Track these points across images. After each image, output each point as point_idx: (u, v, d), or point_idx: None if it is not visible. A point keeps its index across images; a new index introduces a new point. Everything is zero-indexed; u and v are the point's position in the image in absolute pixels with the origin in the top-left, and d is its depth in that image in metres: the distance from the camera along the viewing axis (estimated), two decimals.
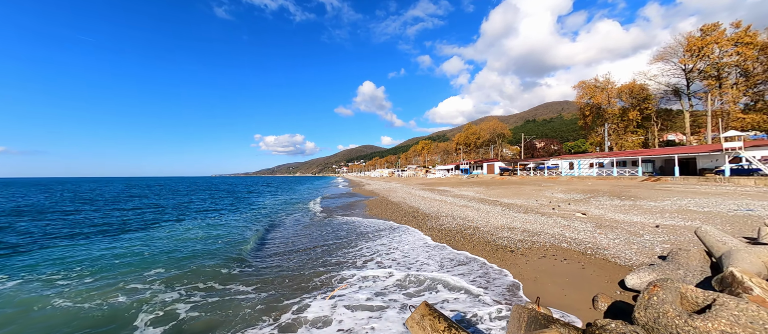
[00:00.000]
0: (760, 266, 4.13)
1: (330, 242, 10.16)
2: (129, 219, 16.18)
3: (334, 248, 9.23)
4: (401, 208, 17.45)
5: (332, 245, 9.62)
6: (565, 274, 5.97)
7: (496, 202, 17.29)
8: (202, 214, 18.47)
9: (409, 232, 10.86)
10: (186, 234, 12.01)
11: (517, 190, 24.24)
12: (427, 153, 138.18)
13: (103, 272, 7.41)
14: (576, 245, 7.69)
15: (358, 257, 8.13)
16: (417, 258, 7.69)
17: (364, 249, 8.87)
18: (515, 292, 5.41)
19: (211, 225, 14.20)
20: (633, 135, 54.16)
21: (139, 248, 9.68)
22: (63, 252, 9.30)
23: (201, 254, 9.02)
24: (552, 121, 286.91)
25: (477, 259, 7.29)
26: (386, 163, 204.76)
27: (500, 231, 9.80)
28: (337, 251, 8.92)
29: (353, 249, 8.95)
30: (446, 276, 6.27)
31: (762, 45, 38.80)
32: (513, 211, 13.71)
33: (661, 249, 6.99)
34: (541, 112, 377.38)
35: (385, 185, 45.35)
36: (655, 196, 16.49)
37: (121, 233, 12.21)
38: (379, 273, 6.68)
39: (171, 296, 5.87)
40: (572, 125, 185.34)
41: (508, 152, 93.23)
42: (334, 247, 9.41)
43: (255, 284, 6.47)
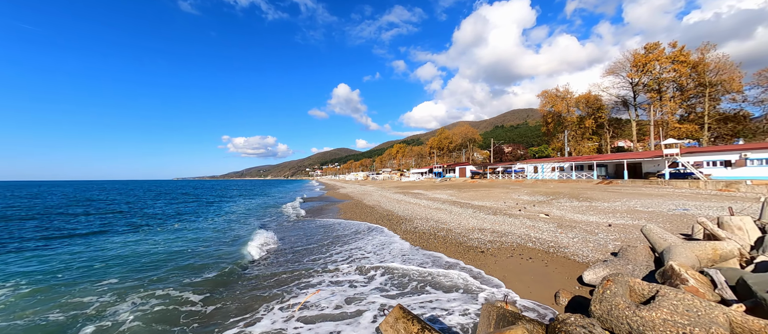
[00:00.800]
0: (694, 260, 4.66)
1: (298, 248, 9.89)
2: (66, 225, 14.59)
3: (302, 254, 8.99)
4: (376, 211, 17.45)
5: (301, 252, 9.37)
6: (531, 272, 6.31)
7: (467, 204, 17.89)
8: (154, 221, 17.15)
9: (384, 233, 10.89)
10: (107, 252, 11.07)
11: (486, 192, 25.26)
12: (402, 156, 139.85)
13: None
14: (540, 245, 8.16)
15: (328, 262, 8.00)
16: (391, 260, 7.72)
17: (335, 254, 8.74)
18: (488, 290, 5.62)
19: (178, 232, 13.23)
20: (589, 141, 58.87)
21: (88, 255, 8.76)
22: None
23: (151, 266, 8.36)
24: (519, 127, 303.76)
25: (442, 257, 7.48)
26: (361, 167, 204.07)
27: (471, 233, 10.14)
28: (306, 257, 8.71)
29: (323, 255, 8.79)
30: (410, 267, 6.36)
31: (693, 63, 44.15)
32: (483, 213, 14.26)
33: (614, 246, 7.64)
34: (508, 118, 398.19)
35: (360, 189, 45.15)
36: (608, 197, 18.00)
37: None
38: (352, 278, 6.62)
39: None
40: (537, 131, 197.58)
41: (478, 156, 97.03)
42: (303, 253, 9.17)
43: (204, 293, 6.12)
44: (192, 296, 5.97)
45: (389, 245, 9.41)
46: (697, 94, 45.14)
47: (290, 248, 9.75)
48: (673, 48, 46.76)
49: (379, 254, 8.41)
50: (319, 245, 10.04)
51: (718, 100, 44.17)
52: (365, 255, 8.40)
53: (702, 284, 3.82)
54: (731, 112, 44.46)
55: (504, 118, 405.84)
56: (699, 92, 44.66)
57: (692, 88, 45.37)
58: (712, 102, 44.07)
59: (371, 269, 7.12)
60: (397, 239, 10.10)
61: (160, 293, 6.12)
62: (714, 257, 4.84)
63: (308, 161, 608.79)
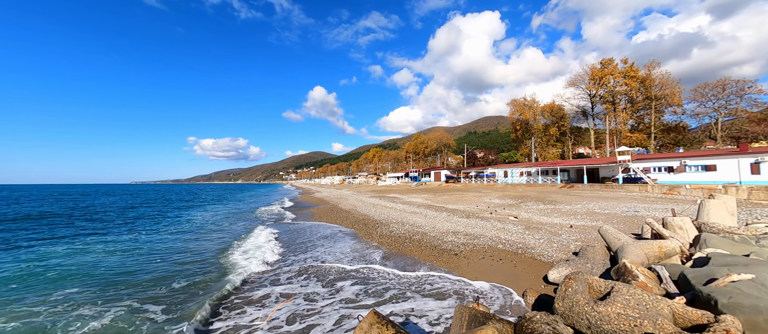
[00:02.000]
0: (643, 257, 5.09)
1: (269, 259, 9.53)
2: None
3: (274, 263, 8.68)
4: (352, 215, 17.29)
5: (271, 261, 9.04)
6: (501, 272, 6.55)
7: (442, 208, 18.28)
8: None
9: (357, 238, 10.80)
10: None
11: (460, 196, 26.00)
12: (379, 160, 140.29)
13: None
14: (509, 246, 8.52)
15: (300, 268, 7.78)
16: (364, 264, 7.67)
17: (309, 260, 8.53)
18: (462, 293, 5.74)
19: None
20: (553, 148, 62.87)
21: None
22: None
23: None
24: (490, 133, 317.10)
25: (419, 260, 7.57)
26: (337, 170, 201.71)
27: (446, 236, 10.36)
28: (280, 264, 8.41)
29: (297, 259, 8.54)
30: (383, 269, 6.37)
31: (641, 78, 48.90)
32: (457, 216, 14.64)
33: (575, 246, 8.16)
34: (481, 125, 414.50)
35: (336, 193, 44.58)
36: (570, 200, 19.26)
37: None
38: (320, 289, 6.48)
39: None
40: (506, 138, 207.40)
41: (452, 161, 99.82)
42: (275, 262, 8.85)
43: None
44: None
45: (363, 250, 9.35)
46: (645, 107, 50.01)
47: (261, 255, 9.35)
48: (624, 64, 51.53)
49: (350, 258, 8.32)
50: (289, 250, 9.73)
51: (662, 112, 49.24)
52: (338, 259, 8.27)
53: (650, 280, 4.19)
54: (673, 123, 49.69)
55: (477, 125, 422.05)
56: (646, 105, 49.51)
57: (641, 101, 50.19)
58: (657, 114, 49.00)
59: (343, 275, 7.02)
60: (372, 244, 10.06)
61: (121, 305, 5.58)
62: (660, 255, 5.33)
63: (282, 165, 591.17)
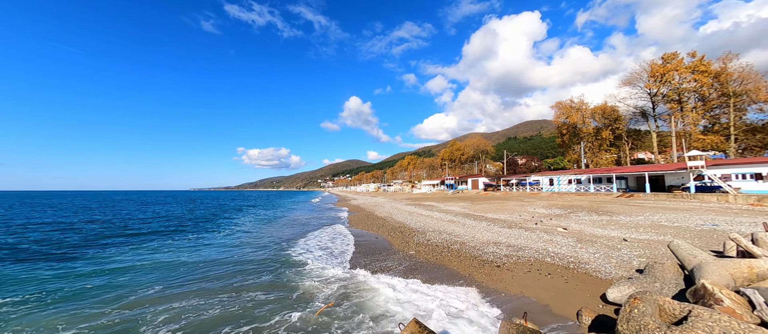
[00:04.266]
0: (728, 278, 4.38)
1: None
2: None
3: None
4: (387, 223, 17.35)
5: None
6: (551, 288, 6.08)
7: (481, 217, 17.55)
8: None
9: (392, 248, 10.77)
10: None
11: (501, 205, 24.75)
12: (413, 168, 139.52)
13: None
14: (559, 260, 7.88)
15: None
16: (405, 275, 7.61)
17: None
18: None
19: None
20: (606, 153, 57.14)
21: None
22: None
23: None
24: (532, 138, 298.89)
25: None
26: (372, 178, 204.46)
27: (486, 246, 9.91)
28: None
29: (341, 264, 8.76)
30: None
31: (715, 73, 42.66)
32: (498, 226, 13.94)
33: (638, 263, 7.29)
34: (521, 129, 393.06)
35: (372, 200, 45.14)
36: (630, 211, 17.29)
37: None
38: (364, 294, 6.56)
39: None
40: (551, 143, 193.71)
41: (491, 168, 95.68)
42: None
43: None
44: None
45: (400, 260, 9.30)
46: (721, 105, 43.37)
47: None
48: (692, 58, 45.43)
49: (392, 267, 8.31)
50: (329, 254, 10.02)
51: (744, 110, 42.24)
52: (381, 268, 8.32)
53: (739, 305, 3.59)
54: (759, 122, 42.35)
55: (516, 130, 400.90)
56: (723, 102, 42.90)
57: (715, 99, 43.66)
58: (738, 112, 42.17)
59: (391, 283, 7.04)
60: (408, 254, 9.97)
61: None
62: (750, 276, 4.55)
63: (320, 173, 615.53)
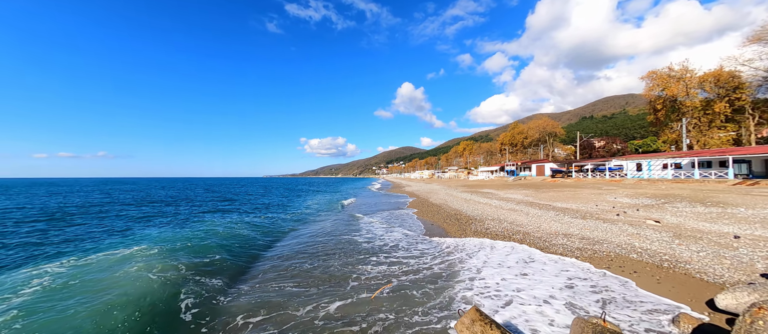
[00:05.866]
0: None
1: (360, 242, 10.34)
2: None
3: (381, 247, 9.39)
4: (443, 210, 17.08)
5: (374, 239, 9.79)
6: None
7: (547, 206, 16.02)
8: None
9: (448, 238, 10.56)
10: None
11: (572, 193, 22.17)
12: (469, 154, 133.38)
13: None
14: (649, 257, 6.78)
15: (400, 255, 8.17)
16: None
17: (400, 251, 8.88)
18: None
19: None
20: (720, 131, 45.97)
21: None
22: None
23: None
24: (613, 117, 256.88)
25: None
26: (426, 165, 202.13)
27: (554, 237, 9.06)
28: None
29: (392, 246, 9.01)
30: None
31: None
32: (568, 216, 12.57)
33: (765, 266, 5.84)
34: (599, 107, 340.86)
35: (426, 187, 44.82)
36: (752, 203, 13.79)
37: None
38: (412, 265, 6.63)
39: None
40: (639, 121, 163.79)
41: (560, 153, 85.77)
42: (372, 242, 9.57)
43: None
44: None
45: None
46: None
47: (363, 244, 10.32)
48: None
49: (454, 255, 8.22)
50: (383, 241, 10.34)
51: None
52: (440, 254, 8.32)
53: None
54: None
55: (593, 108, 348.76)
56: None
57: None
58: None
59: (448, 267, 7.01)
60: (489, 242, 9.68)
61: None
62: None
63: (374, 160, 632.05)
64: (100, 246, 9.73)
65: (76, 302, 5.37)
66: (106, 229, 13.04)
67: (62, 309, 5.09)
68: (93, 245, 9.84)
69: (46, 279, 6.43)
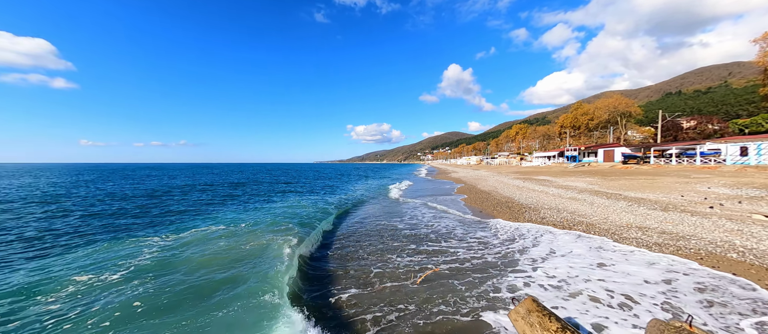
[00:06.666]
0: None
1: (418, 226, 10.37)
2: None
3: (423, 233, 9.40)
4: (492, 197, 16.29)
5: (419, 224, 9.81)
6: None
7: (617, 195, 14.21)
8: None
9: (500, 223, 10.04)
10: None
11: (649, 182, 19.29)
12: (523, 138, 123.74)
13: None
14: (756, 259, 5.63)
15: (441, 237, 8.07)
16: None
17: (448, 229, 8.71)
18: None
19: None
20: None
21: None
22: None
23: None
24: (710, 91, 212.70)
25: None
26: (473, 151, 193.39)
27: (625, 230, 8.04)
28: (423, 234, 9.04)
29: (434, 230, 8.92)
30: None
31: None
32: (644, 207, 11.00)
33: None
34: (690, 81, 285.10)
35: (473, 173, 43.08)
36: None
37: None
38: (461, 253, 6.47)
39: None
40: (746, 96, 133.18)
41: (635, 135, 74.60)
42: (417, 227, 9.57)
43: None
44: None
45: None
46: None
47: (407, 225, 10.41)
48: None
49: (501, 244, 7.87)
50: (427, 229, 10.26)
51: None
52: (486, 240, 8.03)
53: None
54: None
55: (681, 82, 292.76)
56: None
57: None
58: None
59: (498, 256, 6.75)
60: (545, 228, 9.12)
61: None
62: None
63: (419, 146, 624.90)
64: (194, 223, 11.44)
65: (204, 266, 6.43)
66: (195, 208, 15.22)
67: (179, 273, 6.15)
68: (192, 221, 11.60)
69: (155, 250, 7.79)
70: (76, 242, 8.40)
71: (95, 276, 5.66)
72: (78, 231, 9.66)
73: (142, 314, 4.34)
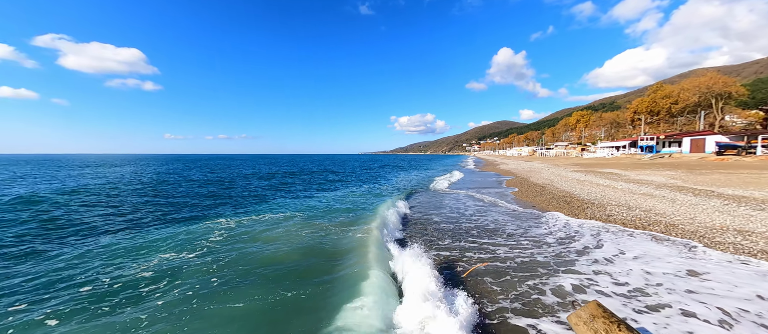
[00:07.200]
0: None
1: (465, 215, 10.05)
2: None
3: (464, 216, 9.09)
4: (547, 190, 14.99)
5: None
6: None
7: (708, 192, 11.99)
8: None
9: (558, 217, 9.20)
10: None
11: (755, 177, 15.90)
12: (585, 126, 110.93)
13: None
14: None
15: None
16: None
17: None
18: None
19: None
20: None
21: None
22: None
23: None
24: None
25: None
26: (525, 141, 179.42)
27: (719, 234, 6.77)
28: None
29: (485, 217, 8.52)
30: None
31: None
32: (744, 206, 9.11)
33: None
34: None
35: (525, 165, 40.08)
36: None
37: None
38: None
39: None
40: None
41: (736, 121, 61.74)
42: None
43: None
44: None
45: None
46: None
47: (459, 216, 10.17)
48: None
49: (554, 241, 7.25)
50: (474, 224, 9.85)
51: None
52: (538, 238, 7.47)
53: None
54: None
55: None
56: None
57: None
58: None
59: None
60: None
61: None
62: None
63: (465, 136, 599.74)
64: (268, 206, 12.83)
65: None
66: (258, 195, 16.85)
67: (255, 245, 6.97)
68: (262, 205, 13.02)
69: (223, 231, 8.87)
70: (187, 213, 10.21)
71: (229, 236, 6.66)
72: (189, 204, 12.66)
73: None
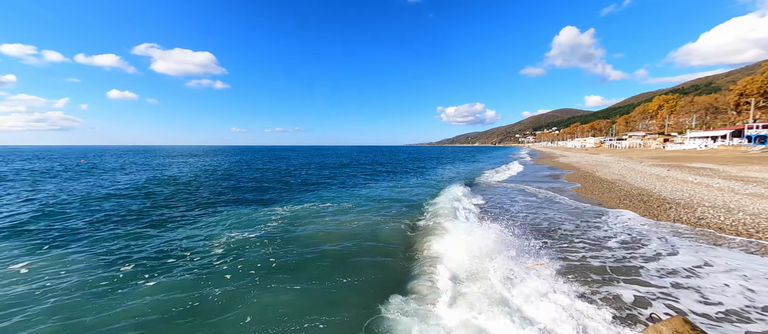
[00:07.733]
0: None
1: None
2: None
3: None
4: (617, 187, 13.26)
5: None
6: None
7: None
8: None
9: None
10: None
11: None
12: (670, 113, 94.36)
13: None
14: None
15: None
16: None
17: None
18: None
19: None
20: None
21: None
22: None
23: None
24: None
25: None
26: (591, 131, 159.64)
27: None
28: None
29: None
30: None
31: None
32: None
33: None
34: None
35: (590, 158, 35.80)
36: None
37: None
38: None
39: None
40: None
41: None
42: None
43: None
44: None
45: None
46: None
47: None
48: None
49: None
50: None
51: None
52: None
53: None
54: None
55: None
56: None
57: None
58: None
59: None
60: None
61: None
62: None
63: (518, 127, 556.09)
64: (322, 196, 13.84)
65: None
66: (319, 183, 18.13)
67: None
68: (324, 193, 14.20)
69: (283, 216, 9.75)
70: (260, 196, 12.13)
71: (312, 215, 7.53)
72: (259, 188, 15.05)
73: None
